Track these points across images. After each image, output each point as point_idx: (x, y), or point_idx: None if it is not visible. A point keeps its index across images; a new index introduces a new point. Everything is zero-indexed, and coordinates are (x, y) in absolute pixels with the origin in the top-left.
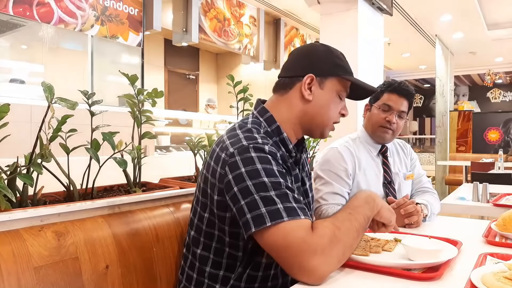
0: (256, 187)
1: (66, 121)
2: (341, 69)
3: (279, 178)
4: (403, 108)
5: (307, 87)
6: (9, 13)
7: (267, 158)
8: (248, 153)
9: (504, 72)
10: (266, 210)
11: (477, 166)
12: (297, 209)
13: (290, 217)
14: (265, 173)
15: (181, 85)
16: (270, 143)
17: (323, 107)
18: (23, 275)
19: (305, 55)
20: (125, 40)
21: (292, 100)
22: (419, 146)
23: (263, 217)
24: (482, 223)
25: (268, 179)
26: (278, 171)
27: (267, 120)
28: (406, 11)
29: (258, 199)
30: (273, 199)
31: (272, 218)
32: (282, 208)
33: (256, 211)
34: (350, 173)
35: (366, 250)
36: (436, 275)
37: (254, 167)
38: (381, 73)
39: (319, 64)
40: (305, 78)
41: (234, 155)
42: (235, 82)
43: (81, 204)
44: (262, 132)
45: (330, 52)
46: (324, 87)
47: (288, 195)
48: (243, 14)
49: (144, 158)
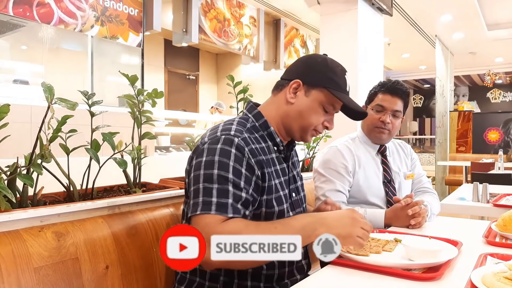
0: (205, 177)
1: (66, 121)
2: (331, 83)
3: (229, 174)
4: (397, 108)
5: (292, 91)
6: (9, 13)
7: (229, 152)
8: (216, 144)
9: (504, 72)
10: (202, 200)
11: (477, 166)
12: (229, 206)
13: (217, 212)
14: (219, 165)
15: (181, 86)
16: (242, 136)
17: (302, 112)
18: (23, 276)
19: (303, 61)
20: (125, 41)
21: (279, 100)
22: (419, 146)
23: (198, 205)
24: (482, 223)
25: (218, 172)
26: (234, 167)
27: (255, 115)
28: (406, 11)
29: (201, 188)
30: (212, 192)
31: (203, 208)
32: (215, 202)
33: (196, 199)
34: (350, 170)
35: (366, 250)
36: (436, 275)
37: (213, 158)
38: (381, 74)
39: (311, 72)
40: (292, 82)
41: (205, 144)
42: (235, 82)
43: (81, 205)
44: (249, 125)
45: (326, 65)
46: (309, 95)
47: (228, 192)
48: (243, 14)
49: (144, 158)
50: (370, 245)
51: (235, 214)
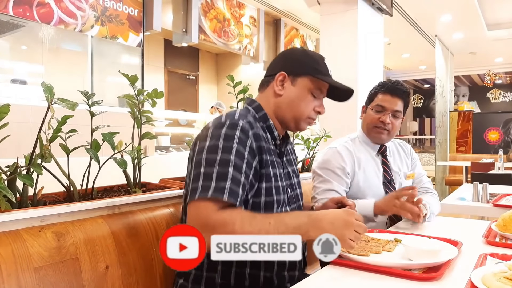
0: (207, 161)
1: (66, 121)
2: (314, 70)
3: (231, 155)
4: (397, 108)
5: (279, 84)
6: (9, 13)
7: (233, 134)
8: (220, 129)
9: (504, 72)
10: (202, 185)
11: (477, 166)
12: (226, 189)
13: (214, 195)
14: (223, 150)
15: (181, 86)
16: (247, 119)
17: (293, 101)
18: (23, 276)
19: (284, 56)
20: (125, 41)
21: (268, 96)
22: (419, 146)
23: (196, 190)
24: (482, 223)
25: (220, 156)
26: (237, 149)
27: (255, 108)
28: (406, 11)
29: (202, 173)
30: (212, 176)
31: (201, 193)
32: (213, 186)
33: (196, 183)
34: (348, 171)
35: (366, 250)
36: (436, 275)
37: (216, 142)
38: (381, 74)
39: (293, 63)
40: (277, 75)
41: (209, 129)
42: (235, 82)
43: (81, 205)
44: (249, 117)
45: (305, 54)
46: (296, 84)
47: (228, 175)
48: (243, 14)
49: (144, 158)
50: (370, 245)
51: (230, 197)
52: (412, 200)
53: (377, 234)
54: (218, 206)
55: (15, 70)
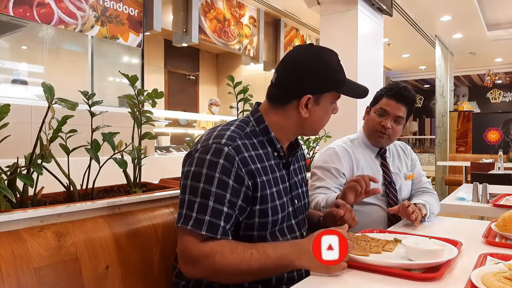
0: (190, 188)
1: (66, 121)
2: (336, 84)
3: (212, 187)
4: (400, 114)
5: (305, 107)
6: (9, 13)
7: (217, 163)
8: (206, 154)
9: (504, 72)
10: (185, 213)
11: (477, 166)
12: (205, 223)
13: (193, 227)
14: (205, 178)
15: (181, 86)
16: (234, 144)
17: (319, 119)
18: (23, 276)
19: (304, 71)
20: (125, 41)
21: (288, 113)
22: (419, 146)
23: (180, 217)
24: (482, 223)
25: (202, 185)
26: (219, 179)
27: (256, 119)
28: (406, 11)
29: (186, 200)
30: (194, 206)
31: (183, 222)
32: (194, 217)
33: (181, 210)
34: (342, 172)
35: (366, 250)
36: (436, 275)
37: (200, 170)
38: (380, 74)
39: (315, 83)
40: (303, 99)
41: (197, 152)
42: (235, 82)
43: (81, 205)
44: (248, 130)
45: (325, 66)
46: (320, 102)
47: (208, 207)
48: (243, 14)
49: (144, 158)
50: (370, 245)
51: (209, 231)
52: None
53: (377, 234)
54: (198, 239)
55: (15, 70)
